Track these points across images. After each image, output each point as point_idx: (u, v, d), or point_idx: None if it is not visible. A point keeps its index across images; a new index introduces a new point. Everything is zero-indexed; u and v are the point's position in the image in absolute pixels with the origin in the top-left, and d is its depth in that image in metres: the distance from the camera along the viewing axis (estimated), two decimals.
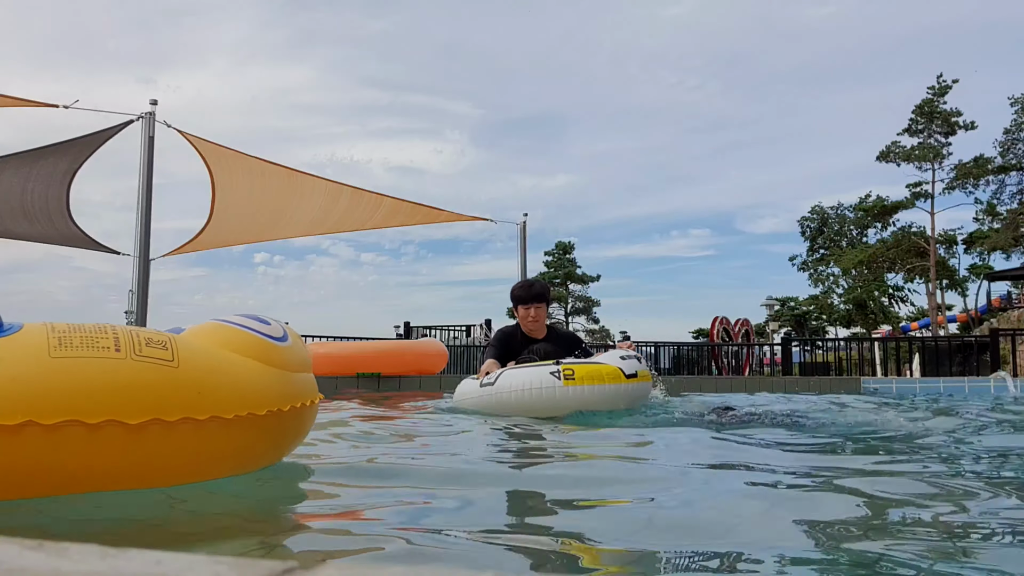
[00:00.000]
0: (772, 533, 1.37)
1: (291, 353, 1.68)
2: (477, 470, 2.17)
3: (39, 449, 1.25)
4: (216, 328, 1.62)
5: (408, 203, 10.69)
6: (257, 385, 1.55)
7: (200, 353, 1.49)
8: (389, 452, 2.60)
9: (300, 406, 1.69)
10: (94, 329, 1.40)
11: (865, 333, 33.81)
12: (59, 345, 1.31)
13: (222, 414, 1.44)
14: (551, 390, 3.58)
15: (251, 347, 1.59)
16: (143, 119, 8.62)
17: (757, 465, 2.17)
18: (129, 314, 8.71)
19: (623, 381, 3.73)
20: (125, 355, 1.35)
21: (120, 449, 1.32)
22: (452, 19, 63.51)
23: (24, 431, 1.22)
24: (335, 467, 2.14)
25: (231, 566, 0.52)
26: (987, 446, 2.64)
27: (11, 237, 10.28)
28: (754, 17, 53.15)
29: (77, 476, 1.32)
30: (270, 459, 1.73)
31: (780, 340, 17.94)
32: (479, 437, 3.07)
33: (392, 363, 7.44)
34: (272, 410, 1.56)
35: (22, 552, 0.53)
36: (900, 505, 1.61)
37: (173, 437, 1.38)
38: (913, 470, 2.10)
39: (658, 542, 1.33)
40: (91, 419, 1.27)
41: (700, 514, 1.56)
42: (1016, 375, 9.21)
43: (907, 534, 1.36)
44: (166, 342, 1.44)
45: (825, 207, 39.40)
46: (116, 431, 1.30)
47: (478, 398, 3.83)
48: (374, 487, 1.86)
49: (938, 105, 31.15)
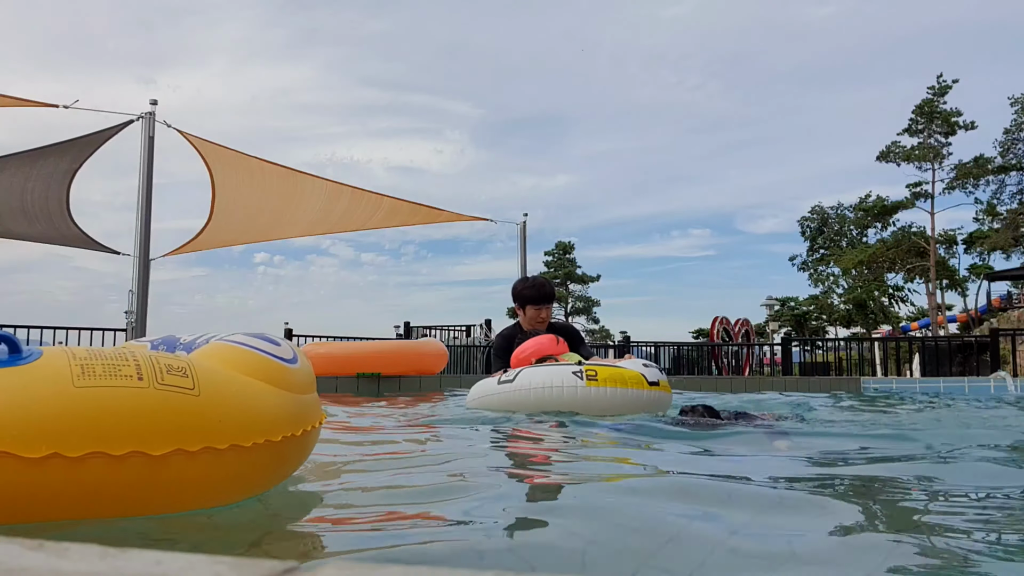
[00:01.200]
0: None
1: (301, 375, 1.67)
2: (479, 470, 2.17)
3: (62, 481, 1.23)
4: (229, 350, 1.59)
5: (408, 203, 10.70)
6: (273, 411, 1.54)
7: (219, 380, 1.48)
8: (390, 452, 2.60)
9: (310, 429, 1.68)
10: (115, 355, 1.38)
11: (865, 333, 33.82)
12: (82, 374, 1.29)
13: (241, 442, 1.43)
14: (572, 389, 3.57)
15: (264, 370, 1.57)
16: (143, 119, 8.62)
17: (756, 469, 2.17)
18: (129, 314, 8.71)
19: (645, 388, 3.69)
20: (148, 384, 1.34)
21: (142, 479, 1.31)
22: (452, 19, 63.55)
23: (48, 463, 1.21)
24: (335, 467, 2.14)
25: (231, 566, 0.52)
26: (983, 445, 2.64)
27: (11, 237, 10.28)
28: (754, 17, 53.20)
29: (94, 505, 1.31)
30: (276, 482, 1.72)
31: (780, 340, 17.94)
32: (482, 438, 3.07)
33: (392, 363, 7.44)
34: (287, 435, 1.56)
35: (22, 552, 0.53)
36: None
37: (193, 467, 1.36)
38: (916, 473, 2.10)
39: (660, 541, 1.33)
40: (116, 451, 1.26)
41: (695, 520, 1.56)
42: (1016, 375, 9.21)
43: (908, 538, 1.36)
44: (185, 368, 1.42)
45: (825, 207, 39.43)
46: (139, 461, 1.29)
47: (496, 396, 3.80)
48: (374, 487, 1.86)
49: (938, 105, 31.17)
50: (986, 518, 1.53)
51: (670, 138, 64.32)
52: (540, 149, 65.22)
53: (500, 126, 66.55)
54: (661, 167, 64.27)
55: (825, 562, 1.20)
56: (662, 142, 64.46)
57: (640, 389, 3.67)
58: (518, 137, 66.87)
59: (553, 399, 3.58)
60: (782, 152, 60.03)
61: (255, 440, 1.46)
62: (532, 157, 65.09)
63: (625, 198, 65.05)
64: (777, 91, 55.53)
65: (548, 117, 67.16)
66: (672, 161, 62.92)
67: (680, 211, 70.62)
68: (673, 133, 64.31)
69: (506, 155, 66.77)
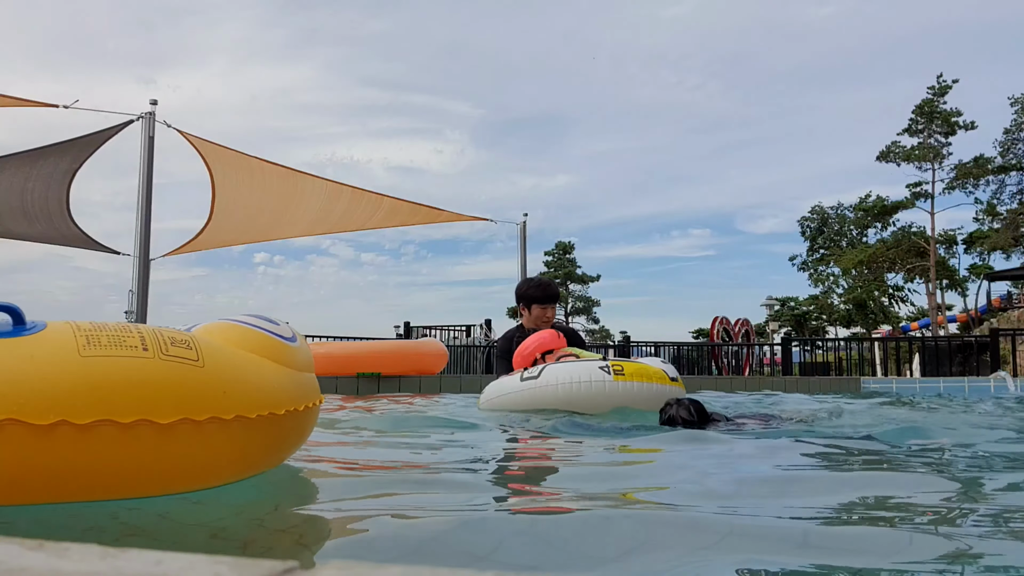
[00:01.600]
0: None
1: (301, 353, 1.69)
2: (481, 471, 2.17)
3: (71, 450, 1.23)
4: (229, 327, 1.61)
5: (408, 203, 10.70)
6: (276, 385, 1.56)
7: (222, 353, 1.49)
8: (390, 452, 2.59)
9: (312, 406, 1.70)
10: (118, 328, 1.39)
11: (865, 333, 33.82)
12: (87, 344, 1.30)
13: (246, 413, 1.44)
14: (600, 384, 3.59)
15: (265, 347, 1.59)
16: (143, 119, 8.62)
17: None
18: (129, 314, 8.71)
19: (668, 383, 3.75)
20: (153, 354, 1.34)
21: (150, 449, 1.32)
22: (452, 19, 63.56)
23: (56, 431, 1.21)
24: (335, 467, 2.14)
25: (231, 566, 0.51)
26: None
27: (11, 237, 10.28)
28: (754, 17, 53.22)
29: (106, 479, 1.31)
30: (276, 461, 1.73)
31: (780, 340, 17.95)
32: (484, 437, 3.07)
33: (392, 363, 7.43)
34: (289, 410, 1.57)
35: (22, 552, 0.53)
36: None
37: (200, 437, 1.38)
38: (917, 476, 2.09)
39: (663, 542, 1.33)
40: (123, 419, 1.26)
41: (707, 514, 1.56)
42: (1016, 375, 9.21)
43: None
44: (188, 341, 1.43)
45: (825, 207, 39.43)
46: (147, 431, 1.30)
47: (519, 393, 3.75)
48: (375, 487, 1.86)
49: (938, 105, 31.18)
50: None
51: (670, 138, 64.39)
52: (540, 149, 65.29)
53: (500, 126, 66.62)
54: (661, 167, 64.37)
55: (835, 548, 1.19)
56: (662, 142, 64.54)
57: (664, 384, 3.71)
58: (518, 137, 66.93)
59: (582, 394, 3.59)
60: (782, 152, 60.09)
61: (259, 412, 1.47)
62: (532, 157, 65.16)
63: (625, 198, 65.12)
64: (777, 91, 55.60)
65: (548, 117, 67.22)
66: (672, 161, 63.02)
67: (680, 211, 70.71)
68: (673, 133, 64.39)
69: (506, 155, 66.83)
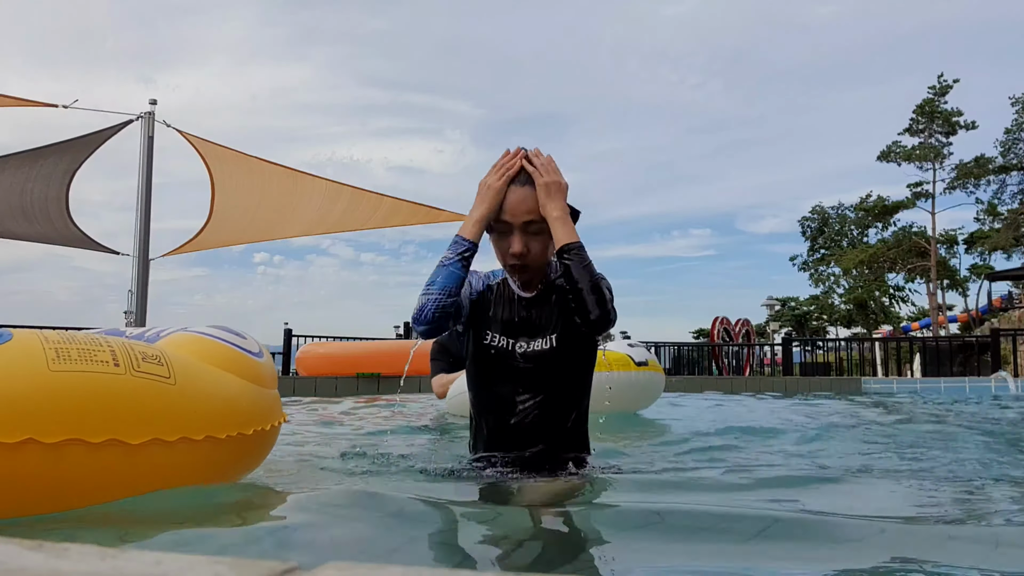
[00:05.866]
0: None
1: (266, 369, 1.63)
2: (480, 470, 2.16)
3: (38, 468, 1.18)
4: (197, 340, 1.54)
5: (408, 203, 10.67)
6: (245, 404, 1.51)
7: (193, 370, 1.44)
8: (390, 452, 2.59)
9: (277, 424, 1.66)
10: (88, 341, 1.32)
11: (866, 333, 33.81)
12: (57, 358, 1.23)
13: (216, 434, 1.40)
14: None
15: (233, 362, 1.53)
16: (142, 119, 8.61)
17: None
18: (129, 314, 8.70)
19: (633, 369, 3.43)
20: (125, 371, 1.29)
21: (118, 467, 1.27)
22: (452, 18, 63.60)
23: (24, 449, 1.15)
24: (335, 467, 2.14)
25: (231, 566, 0.51)
26: None
27: (11, 237, 10.27)
28: (755, 16, 53.18)
29: (71, 493, 1.26)
30: (237, 478, 1.68)
31: (781, 340, 17.93)
32: None
33: (392, 363, 7.43)
34: (257, 429, 1.53)
35: (22, 552, 0.53)
36: None
37: (169, 456, 1.33)
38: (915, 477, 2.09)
39: (664, 541, 1.32)
40: (93, 438, 1.21)
41: (709, 512, 1.56)
42: (1017, 375, 9.20)
43: None
44: (160, 357, 1.37)
45: (826, 207, 39.36)
46: (117, 450, 1.25)
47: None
48: (375, 487, 1.85)
49: (939, 105, 31.12)
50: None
51: (670, 138, 64.33)
52: (540, 148, 65.16)
53: (501, 125, 66.53)
54: (662, 167, 64.22)
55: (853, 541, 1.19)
56: (663, 141, 64.46)
57: (627, 371, 3.41)
58: (519, 136, 66.81)
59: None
60: (782, 152, 59.97)
61: (229, 432, 1.43)
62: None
63: (625, 198, 65.04)
64: (778, 90, 55.50)
65: (548, 116, 67.23)
66: (673, 161, 62.86)
67: (680, 211, 70.66)
68: (674, 132, 64.30)
69: None
